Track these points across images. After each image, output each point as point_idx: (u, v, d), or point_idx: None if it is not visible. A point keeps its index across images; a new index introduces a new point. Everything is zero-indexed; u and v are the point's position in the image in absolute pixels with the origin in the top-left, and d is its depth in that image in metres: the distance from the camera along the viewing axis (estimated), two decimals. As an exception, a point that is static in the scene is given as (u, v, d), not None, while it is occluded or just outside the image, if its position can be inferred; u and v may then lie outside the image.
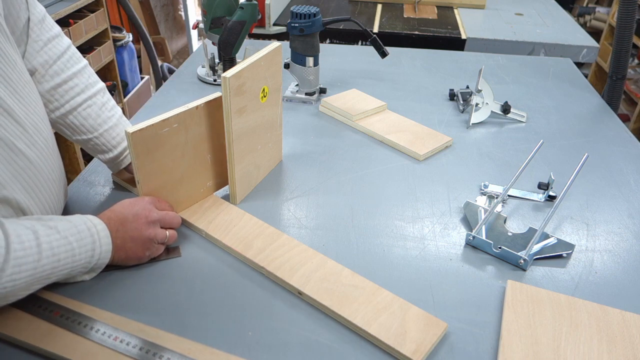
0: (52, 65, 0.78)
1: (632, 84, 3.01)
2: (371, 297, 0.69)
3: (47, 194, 0.70)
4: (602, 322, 0.66)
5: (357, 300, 0.68)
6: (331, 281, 0.71)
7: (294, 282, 0.71)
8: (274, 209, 0.87)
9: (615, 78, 1.26)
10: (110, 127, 0.84)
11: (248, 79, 0.80)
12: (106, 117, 0.84)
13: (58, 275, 0.63)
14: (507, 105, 1.18)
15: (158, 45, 3.40)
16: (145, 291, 0.70)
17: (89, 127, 0.82)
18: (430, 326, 0.65)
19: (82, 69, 0.82)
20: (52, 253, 0.61)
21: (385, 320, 0.65)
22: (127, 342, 0.61)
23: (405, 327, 0.64)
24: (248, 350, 0.62)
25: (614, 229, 0.85)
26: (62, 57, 0.79)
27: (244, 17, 1.20)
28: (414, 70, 1.47)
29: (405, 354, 0.61)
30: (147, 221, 0.72)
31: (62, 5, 2.09)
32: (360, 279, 0.72)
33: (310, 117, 1.19)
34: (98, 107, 0.83)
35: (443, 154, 1.06)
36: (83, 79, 0.82)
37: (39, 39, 0.77)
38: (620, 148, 1.10)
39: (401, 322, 0.65)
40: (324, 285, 0.70)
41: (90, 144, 0.84)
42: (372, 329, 0.64)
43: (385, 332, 0.64)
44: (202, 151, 0.82)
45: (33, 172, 0.67)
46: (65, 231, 0.64)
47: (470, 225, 0.84)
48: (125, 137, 0.71)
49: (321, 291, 0.69)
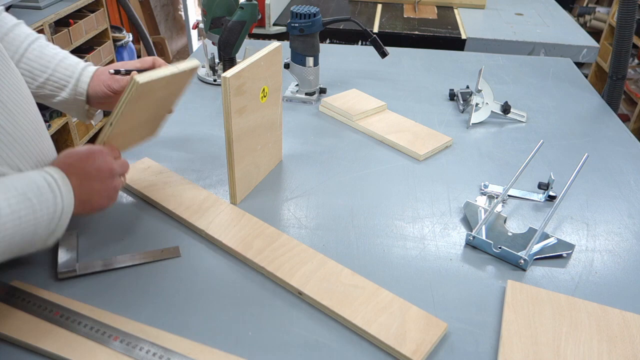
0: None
1: (632, 84, 3.01)
2: (371, 297, 0.69)
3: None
4: (602, 322, 0.66)
5: (357, 300, 0.68)
6: (331, 281, 0.71)
7: (294, 282, 0.71)
8: (274, 209, 0.87)
9: (615, 78, 1.26)
10: (60, 60, 0.85)
11: (248, 79, 0.80)
12: (52, 54, 0.85)
13: (23, 235, 0.62)
14: (507, 105, 1.18)
15: (158, 45, 3.40)
16: (145, 291, 0.70)
17: (40, 67, 0.84)
18: (430, 326, 0.65)
19: (18, 24, 0.85)
20: (11, 211, 0.60)
21: (385, 320, 0.65)
22: (127, 342, 0.61)
23: (405, 327, 0.64)
24: (248, 350, 0.62)
25: (614, 229, 0.85)
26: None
27: (244, 17, 1.20)
28: (414, 70, 1.47)
29: (405, 354, 0.61)
30: (110, 175, 0.74)
31: (62, 5, 2.09)
32: (360, 279, 0.72)
33: (310, 117, 1.19)
34: (42, 47, 0.85)
35: (443, 154, 1.06)
36: (21, 30, 0.85)
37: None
38: (620, 148, 1.10)
39: (401, 322, 0.65)
40: (324, 286, 0.70)
41: (49, 86, 0.84)
42: (372, 329, 0.64)
43: (385, 332, 0.64)
44: (159, 110, 0.86)
45: (19, 151, 0.68)
46: (23, 187, 0.63)
47: (470, 225, 0.84)
48: (128, 83, 0.72)
49: (321, 291, 0.69)
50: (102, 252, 0.76)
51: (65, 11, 2.06)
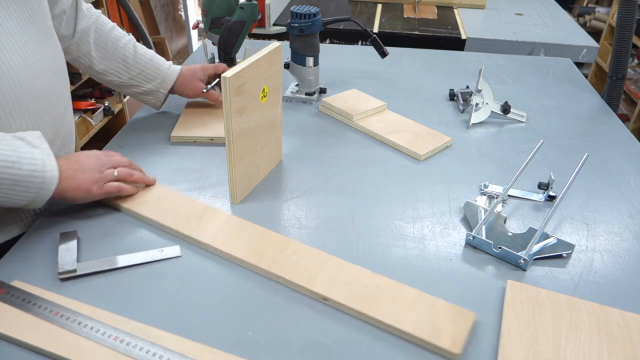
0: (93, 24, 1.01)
1: (632, 84, 3.01)
2: (396, 294, 0.69)
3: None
4: (602, 322, 0.66)
5: (384, 300, 0.68)
6: (353, 284, 0.70)
7: (317, 289, 0.69)
8: (274, 209, 0.87)
9: (615, 78, 1.26)
10: (149, 59, 1.07)
11: (248, 79, 0.80)
12: (143, 53, 1.07)
13: (5, 181, 0.68)
14: (507, 105, 1.18)
15: (158, 45, 3.40)
16: (145, 291, 0.70)
17: (135, 64, 1.05)
18: (459, 317, 0.66)
19: (114, 26, 1.06)
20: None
21: (416, 316, 0.66)
22: (127, 342, 0.61)
23: (437, 321, 0.65)
24: (248, 350, 0.62)
25: (614, 229, 0.85)
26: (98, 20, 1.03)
27: (244, 17, 1.20)
28: (414, 70, 1.47)
29: (444, 347, 0.62)
30: (97, 162, 0.80)
31: (62, 5, 2.09)
32: (381, 278, 0.72)
33: (310, 117, 1.19)
34: (136, 47, 1.07)
35: (443, 154, 1.06)
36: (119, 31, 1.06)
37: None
38: (620, 148, 1.10)
39: (432, 317, 0.66)
40: (347, 289, 0.69)
41: (139, 78, 1.06)
42: (406, 326, 0.64)
43: (420, 327, 0.64)
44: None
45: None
46: (9, 140, 0.70)
47: (470, 225, 0.84)
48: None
49: (347, 295, 0.68)
50: (102, 252, 0.76)
51: (65, 11, 2.05)
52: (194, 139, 1.06)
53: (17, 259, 0.75)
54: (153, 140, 1.06)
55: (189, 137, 1.06)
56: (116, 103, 2.61)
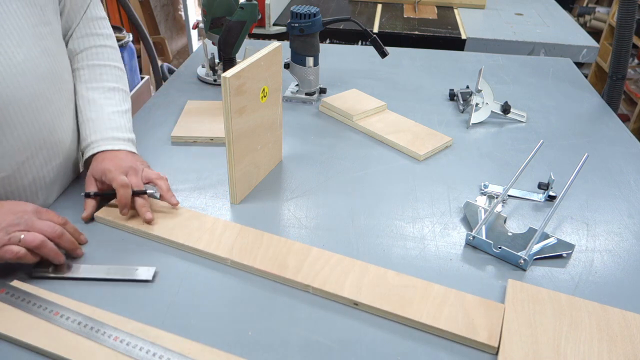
0: (81, 52, 0.85)
1: (632, 84, 3.01)
2: (425, 293, 0.69)
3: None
4: (602, 322, 0.66)
5: (414, 299, 0.68)
6: (381, 286, 0.70)
7: (346, 294, 0.69)
8: (274, 209, 0.87)
9: (615, 78, 1.26)
10: (88, 120, 0.83)
11: (248, 79, 0.80)
12: (91, 110, 0.84)
13: None
14: (507, 105, 1.18)
15: (158, 45, 3.40)
16: (145, 291, 0.70)
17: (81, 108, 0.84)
18: (491, 310, 0.67)
19: (105, 66, 0.86)
20: None
21: (449, 313, 0.66)
22: (127, 342, 0.61)
23: (470, 316, 0.66)
24: (248, 350, 0.62)
25: (614, 229, 0.85)
26: (92, 49, 0.86)
27: (244, 17, 1.20)
28: (414, 70, 1.47)
29: (482, 341, 0.63)
30: (11, 220, 0.67)
31: (62, 5, 2.09)
32: (407, 278, 0.72)
33: (310, 117, 1.19)
34: (95, 98, 0.85)
35: (443, 154, 1.06)
36: (97, 73, 0.86)
37: (82, 30, 0.86)
38: (620, 148, 1.10)
39: (464, 312, 0.67)
40: (377, 291, 0.69)
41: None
42: (441, 324, 0.65)
43: (455, 324, 0.65)
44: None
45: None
46: None
47: (470, 225, 0.84)
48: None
49: (377, 298, 0.68)
50: (93, 257, 0.76)
51: (65, 11, 2.05)
52: (194, 139, 1.06)
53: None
54: (153, 140, 1.06)
55: (189, 137, 1.06)
56: (116, 103, 2.60)
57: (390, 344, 0.64)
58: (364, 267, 0.74)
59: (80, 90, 0.83)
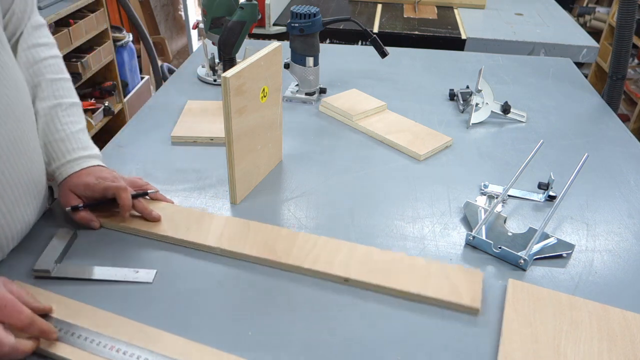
0: (31, 67, 0.79)
1: (632, 84, 3.01)
2: (410, 266, 0.74)
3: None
4: (602, 322, 0.66)
5: (400, 272, 0.72)
6: (368, 262, 0.74)
7: (336, 272, 0.72)
8: (274, 209, 0.87)
9: (615, 78, 1.26)
10: (59, 139, 0.80)
11: (248, 79, 0.80)
12: (58, 130, 0.80)
13: None
14: (507, 105, 1.18)
15: (158, 45, 3.40)
16: (146, 291, 0.70)
17: (42, 131, 0.79)
18: (470, 275, 0.72)
19: (57, 80, 0.82)
20: None
21: (434, 282, 0.71)
22: (124, 352, 0.60)
23: (453, 283, 0.71)
24: (248, 350, 0.62)
25: (614, 229, 0.85)
26: (42, 62, 0.81)
27: (244, 17, 1.20)
28: (414, 70, 1.47)
29: (466, 304, 0.68)
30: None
31: (62, 5, 2.09)
32: (391, 253, 0.76)
33: (310, 117, 1.19)
34: (57, 115, 0.80)
35: (443, 154, 1.06)
36: (51, 89, 0.81)
37: (27, 41, 0.80)
38: (620, 148, 1.10)
39: (447, 280, 0.71)
40: (365, 268, 0.73)
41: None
42: (429, 292, 0.69)
43: (441, 291, 0.70)
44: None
45: None
46: None
47: (470, 225, 0.84)
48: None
49: (365, 273, 0.72)
50: (93, 258, 0.76)
51: (65, 11, 2.06)
52: (194, 139, 1.06)
53: (17, 258, 0.75)
54: (153, 140, 1.06)
55: (189, 137, 1.06)
56: (116, 103, 2.61)
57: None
58: (351, 246, 0.77)
59: (42, 108, 0.80)
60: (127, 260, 0.75)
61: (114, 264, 0.74)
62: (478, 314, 0.68)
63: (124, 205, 0.77)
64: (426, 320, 0.67)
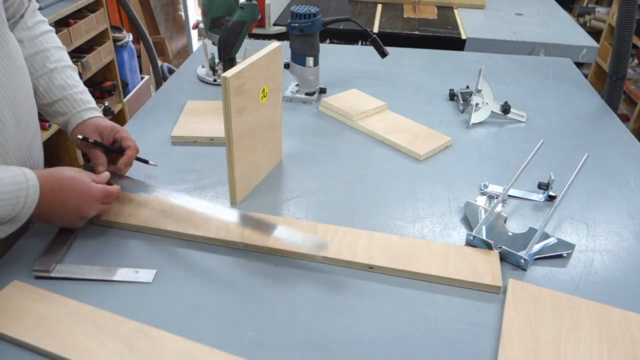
0: (34, 39, 0.88)
1: (632, 84, 3.01)
2: (429, 250, 0.77)
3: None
4: (602, 322, 0.66)
5: (421, 257, 0.75)
6: (390, 249, 0.77)
7: (360, 260, 0.74)
8: (274, 209, 0.87)
9: (615, 78, 1.26)
10: (71, 93, 0.89)
11: (248, 79, 0.80)
12: (70, 85, 0.90)
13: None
14: (507, 105, 1.18)
15: (158, 45, 3.40)
16: (146, 291, 0.70)
17: (56, 90, 0.88)
18: (488, 257, 0.75)
19: (62, 48, 0.93)
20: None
21: (454, 264, 0.74)
22: None
23: (472, 263, 0.74)
24: (248, 350, 0.62)
25: (614, 229, 0.85)
26: (47, 34, 0.91)
27: (244, 17, 1.20)
28: (414, 70, 1.47)
29: (488, 283, 0.71)
30: (85, 190, 0.74)
31: (62, 5, 2.09)
32: (410, 239, 0.79)
33: (310, 117, 1.19)
34: (65, 73, 0.90)
35: (443, 154, 1.06)
36: (59, 54, 0.91)
37: (29, 21, 0.89)
38: (620, 148, 1.10)
39: (466, 261, 0.74)
40: (387, 254, 0.76)
41: (55, 107, 0.89)
42: (451, 273, 0.72)
43: (462, 273, 0.73)
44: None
45: None
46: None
47: (471, 225, 0.84)
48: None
49: (388, 259, 0.75)
50: (91, 259, 0.76)
51: (65, 11, 2.06)
52: (194, 139, 1.06)
53: (17, 258, 0.75)
54: (153, 140, 1.06)
55: (189, 137, 1.06)
56: (116, 103, 2.61)
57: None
58: (370, 235, 0.79)
59: (56, 68, 0.89)
60: (127, 260, 0.75)
61: (114, 264, 0.74)
62: (500, 292, 0.71)
63: (127, 160, 0.87)
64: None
